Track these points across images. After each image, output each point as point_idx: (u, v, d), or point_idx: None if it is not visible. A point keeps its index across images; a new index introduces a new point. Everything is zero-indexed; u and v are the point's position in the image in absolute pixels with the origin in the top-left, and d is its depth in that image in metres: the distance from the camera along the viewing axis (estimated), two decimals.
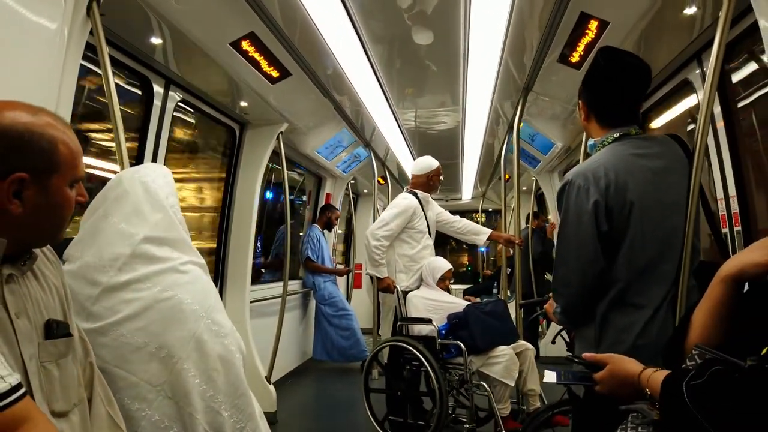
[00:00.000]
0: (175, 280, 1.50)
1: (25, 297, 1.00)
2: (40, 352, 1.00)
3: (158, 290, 1.46)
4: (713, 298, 1.05)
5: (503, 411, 3.09)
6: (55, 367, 1.03)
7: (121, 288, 1.43)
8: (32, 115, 0.99)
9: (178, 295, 1.48)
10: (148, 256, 1.49)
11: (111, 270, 1.44)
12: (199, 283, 1.57)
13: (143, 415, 1.37)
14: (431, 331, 3.31)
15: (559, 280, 1.64)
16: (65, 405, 1.04)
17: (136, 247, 1.48)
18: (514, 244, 3.79)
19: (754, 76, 2.47)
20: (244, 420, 1.57)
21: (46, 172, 0.99)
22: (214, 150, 4.13)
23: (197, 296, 1.52)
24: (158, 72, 2.97)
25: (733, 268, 1.02)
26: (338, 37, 2.94)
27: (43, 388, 0.99)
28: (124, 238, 1.49)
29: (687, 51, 2.66)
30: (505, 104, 4.20)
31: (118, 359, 1.38)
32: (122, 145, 1.94)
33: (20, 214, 0.96)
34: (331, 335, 5.54)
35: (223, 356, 1.53)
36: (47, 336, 1.03)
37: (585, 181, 1.54)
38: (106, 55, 1.95)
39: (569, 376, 1.24)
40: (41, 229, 1.03)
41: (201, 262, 1.63)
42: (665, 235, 1.55)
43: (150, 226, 1.53)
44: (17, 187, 0.95)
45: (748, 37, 2.32)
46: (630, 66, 1.61)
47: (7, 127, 0.95)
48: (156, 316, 1.43)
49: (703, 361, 0.98)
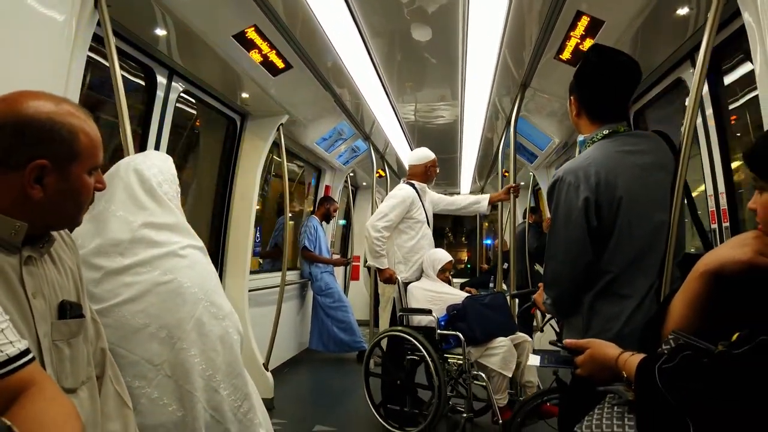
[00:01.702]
0: (174, 264, 1.55)
1: (41, 278, 1.05)
2: (53, 331, 1.05)
3: (158, 274, 1.51)
4: (691, 291, 1.10)
5: (500, 401, 3.14)
6: (66, 346, 1.08)
7: (122, 272, 1.48)
8: (55, 105, 1.03)
9: (178, 278, 1.53)
10: (148, 240, 1.54)
11: (113, 255, 1.50)
12: (198, 266, 1.61)
13: (143, 392, 1.43)
14: (430, 321, 3.36)
15: (550, 274, 1.70)
16: (74, 382, 1.09)
17: (136, 232, 1.53)
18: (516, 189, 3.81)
19: (749, 76, 2.51)
20: (241, 399, 1.63)
21: (67, 159, 1.03)
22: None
23: (196, 279, 1.57)
24: (161, 63, 3.01)
25: (712, 264, 1.07)
26: (339, 30, 2.99)
27: (54, 365, 1.04)
28: (123, 225, 1.54)
29: (680, 50, 2.71)
30: (504, 100, 4.25)
31: (120, 339, 1.43)
32: (128, 134, 1.99)
33: (40, 199, 1.00)
34: (327, 326, 5.60)
35: (222, 337, 1.59)
36: (60, 316, 1.08)
37: (575, 178, 1.59)
38: (113, 46, 2.00)
39: (552, 359, 1.30)
40: (60, 213, 1.07)
41: (200, 245, 1.67)
42: (652, 228, 1.61)
43: (147, 213, 1.58)
44: (38, 173, 0.99)
45: (740, 36, 2.37)
46: (620, 64, 1.66)
47: (31, 117, 0.99)
48: (156, 298, 1.48)
49: (675, 346, 1.04)
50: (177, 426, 1.47)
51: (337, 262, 6.16)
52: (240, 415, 1.62)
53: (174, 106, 3.17)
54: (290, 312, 5.64)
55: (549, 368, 1.43)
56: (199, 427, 1.50)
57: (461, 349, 3.19)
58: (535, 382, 3.26)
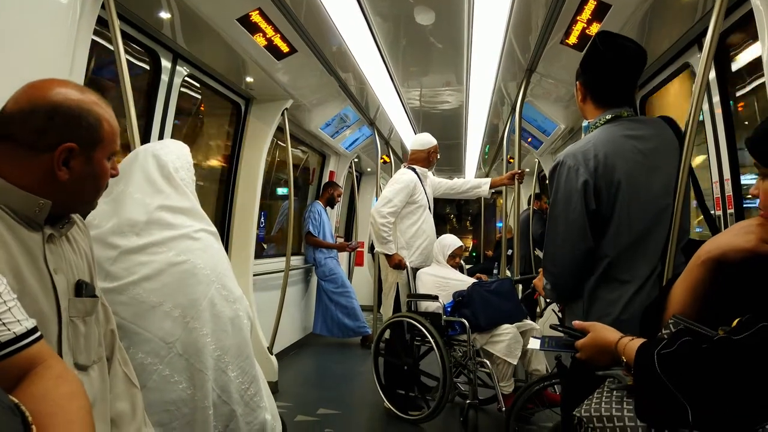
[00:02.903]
0: (188, 246, 1.59)
1: (61, 256, 1.10)
2: (70, 307, 1.09)
3: (173, 254, 1.55)
4: (692, 278, 1.10)
5: (506, 389, 3.14)
6: (81, 323, 1.12)
7: (138, 251, 1.52)
8: (81, 93, 1.10)
9: (191, 259, 1.57)
10: (164, 222, 1.58)
11: (129, 234, 1.54)
12: (211, 250, 1.65)
13: (155, 369, 1.47)
14: (437, 308, 3.37)
15: (549, 257, 1.71)
16: (86, 360, 1.13)
17: (152, 214, 1.58)
18: (521, 176, 3.79)
19: (758, 61, 2.49)
20: (248, 381, 1.67)
21: (92, 144, 1.10)
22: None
23: (209, 262, 1.61)
24: (166, 46, 3.00)
25: (714, 251, 1.06)
26: (343, 13, 2.97)
27: (70, 340, 1.08)
28: (140, 207, 1.58)
29: (688, 35, 2.68)
30: (510, 85, 4.22)
31: (134, 316, 1.47)
32: (132, 118, 2.00)
33: (66, 180, 1.06)
34: (331, 311, 5.64)
35: (233, 319, 1.63)
36: (77, 294, 1.12)
37: (575, 162, 1.60)
38: (118, 29, 2.00)
39: (552, 343, 1.31)
40: (81, 195, 1.14)
41: (213, 230, 1.71)
42: (652, 213, 1.61)
43: (164, 196, 1.63)
44: (66, 155, 1.05)
45: (748, 21, 2.34)
46: (625, 49, 1.66)
47: (61, 102, 1.05)
48: (170, 278, 1.52)
49: (675, 331, 1.04)
50: (186, 403, 1.51)
51: (340, 247, 6.19)
52: (247, 398, 1.66)
53: (179, 90, 3.17)
54: (295, 297, 5.67)
55: (552, 353, 1.44)
56: (208, 405, 1.54)
57: (466, 335, 3.20)
58: (543, 370, 3.24)
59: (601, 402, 1.11)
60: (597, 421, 1.08)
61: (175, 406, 1.50)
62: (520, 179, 3.81)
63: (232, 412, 1.61)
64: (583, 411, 1.12)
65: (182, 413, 1.51)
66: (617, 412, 1.06)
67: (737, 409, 0.84)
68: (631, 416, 1.04)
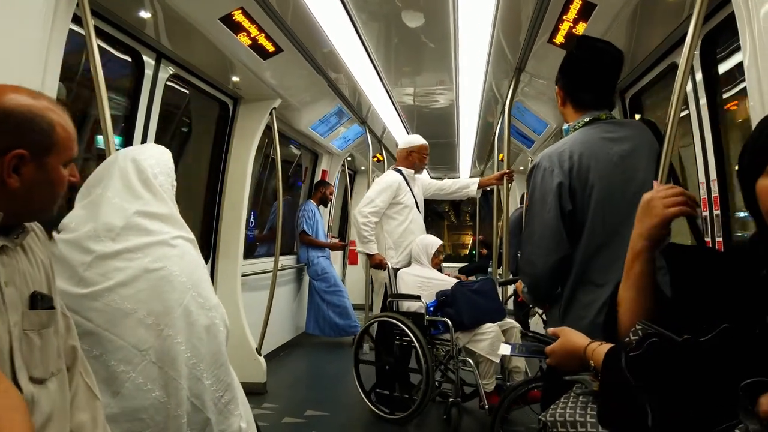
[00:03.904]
0: (165, 252, 1.57)
1: (14, 268, 1.07)
2: (24, 320, 1.06)
3: (149, 261, 1.53)
4: (634, 273, 1.11)
5: (488, 386, 3.18)
6: (36, 336, 1.09)
7: (113, 256, 1.50)
8: (33, 99, 1.07)
9: (167, 266, 1.55)
10: (141, 228, 1.56)
11: (105, 239, 1.51)
12: (188, 257, 1.63)
13: (128, 377, 1.45)
14: (420, 307, 3.39)
15: (525, 259, 1.70)
16: (43, 372, 1.10)
17: (129, 219, 1.55)
18: (510, 175, 3.77)
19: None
20: (222, 389, 1.65)
21: (45, 151, 1.06)
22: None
23: (186, 269, 1.59)
24: (149, 46, 2.97)
25: (640, 240, 1.09)
26: (328, 14, 2.95)
27: (24, 354, 1.05)
28: (118, 211, 1.56)
29: (674, 35, 2.66)
30: (502, 84, 4.20)
31: (108, 323, 1.45)
32: (107, 120, 1.98)
33: (17, 188, 1.03)
34: (323, 310, 5.63)
35: (208, 327, 1.61)
36: (32, 306, 1.09)
37: (550, 163, 1.60)
38: (92, 27, 1.97)
39: (523, 349, 1.30)
40: (35, 204, 1.10)
41: (190, 238, 1.69)
42: (628, 216, 1.58)
43: (142, 202, 1.61)
44: (17, 162, 1.02)
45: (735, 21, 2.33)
46: (602, 52, 1.67)
47: (12, 108, 1.02)
48: (145, 284, 1.50)
49: (643, 335, 1.03)
50: (159, 412, 1.48)
51: (334, 246, 6.17)
52: (221, 406, 1.65)
53: (162, 90, 3.14)
54: (287, 296, 5.66)
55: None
56: (181, 414, 1.52)
57: (449, 334, 3.21)
58: (523, 368, 3.30)
59: (566, 407, 1.10)
60: (561, 426, 1.08)
61: (147, 414, 1.48)
62: (509, 179, 3.79)
63: (206, 420, 1.59)
64: (548, 416, 1.12)
65: (155, 421, 1.49)
66: (581, 417, 1.06)
67: (699, 411, 0.83)
68: (593, 422, 1.04)
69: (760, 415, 0.70)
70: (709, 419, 0.82)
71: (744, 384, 0.73)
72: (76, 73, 2.74)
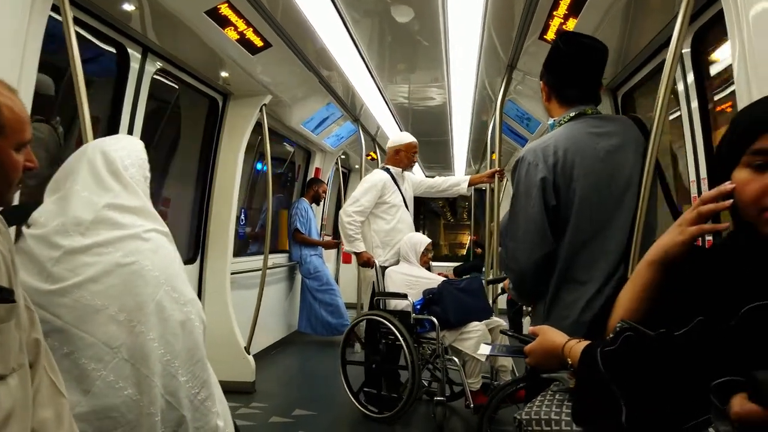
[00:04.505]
0: (137, 246, 1.53)
1: None
2: None
3: (120, 255, 1.48)
4: (641, 281, 1.07)
5: (474, 385, 3.17)
6: None
7: (82, 251, 1.46)
8: None
9: (139, 261, 1.50)
10: (112, 221, 1.52)
11: (74, 234, 1.47)
12: (162, 251, 1.59)
13: (98, 375, 1.41)
14: (407, 306, 3.38)
15: (509, 254, 1.67)
16: (3, 369, 1.06)
17: (99, 212, 1.51)
18: (501, 173, 3.76)
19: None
20: (199, 386, 1.61)
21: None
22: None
23: (159, 263, 1.55)
24: (135, 40, 2.93)
25: (656, 252, 1.04)
26: (317, 9, 2.92)
27: None
28: (87, 205, 1.51)
29: (666, 31, 2.63)
30: (495, 82, 4.17)
31: (77, 320, 1.41)
32: (86, 113, 1.94)
33: None
34: (315, 309, 5.60)
35: (183, 323, 1.56)
36: None
37: (534, 158, 1.58)
38: (70, 18, 1.94)
39: (503, 348, 1.28)
40: None
41: (165, 231, 1.64)
42: (613, 212, 1.57)
43: (112, 195, 1.56)
44: None
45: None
46: (585, 46, 1.66)
47: None
48: (116, 280, 1.46)
49: (618, 330, 1.01)
50: (131, 409, 1.45)
51: (328, 244, 6.15)
52: (197, 403, 1.61)
53: (149, 85, 3.10)
54: (279, 294, 5.64)
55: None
56: (154, 411, 1.48)
57: (436, 333, 3.21)
58: (510, 367, 3.29)
59: (542, 406, 1.10)
60: (536, 424, 1.07)
61: (119, 412, 1.44)
62: (501, 177, 3.76)
63: (181, 417, 1.56)
64: (524, 414, 1.11)
65: (127, 420, 1.45)
66: (556, 415, 1.06)
67: (672, 405, 0.82)
68: (568, 420, 1.03)
69: (731, 416, 0.67)
70: (684, 414, 0.80)
71: (715, 384, 0.71)
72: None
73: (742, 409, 0.67)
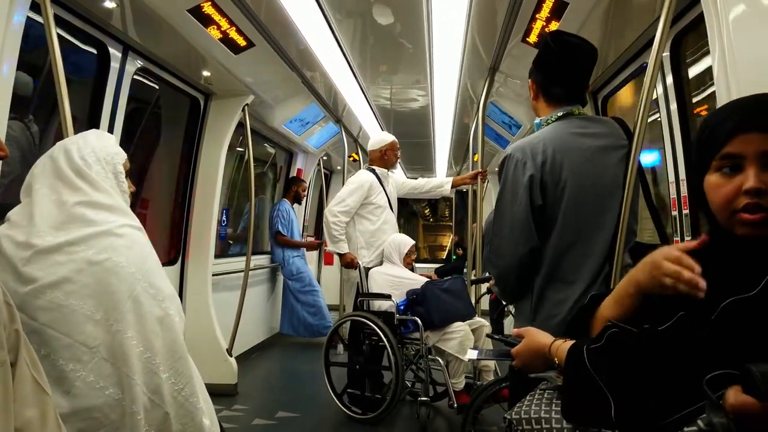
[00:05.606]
0: (110, 242, 1.49)
1: None
2: None
3: (93, 252, 1.45)
4: (625, 306, 1.05)
5: (457, 385, 3.18)
6: None
7: (54, 250, 1.42)
8: None
9: (113, 257, 1.47)
10: (83, 219, 1.49)
11: (45, 234, 1.44)
12: (137, 247, 1.56)
13: (78, 375, 1.38)
14: (390, 306, 3.38)
15: (493, 250, 1.68)
16: None
17: (70, 210, 1.48)
18: (484, 175, 3.79)
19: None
20: (182, 382, 1.58)
21: None
22: None
23: (134, 259, 1.52)
24: (115, 38, 2.88)
25: (636, 288, 1.01)
26: (301, 9, 2.90)
27: None
28: (56, 205, 1.49)
29: (646, 35, 2.68)
30: (477, 84, 4.20)
31: (53, 321, 1.38)
32: (66, 111, 1.90)
33: None
34: (297, 310, 5.56)
35: (162, 319, 1.53)
36: None
37: (523, 155, 1.58)
38: (51, 14, 1.90)
39: (490, 352, 1.28)
40: None
41: (138, 226, 1.61)
42: (599, 213, 1.59)
43: (81, 193, 1.53)
44: None
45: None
46: (575, 46, 1.66)
47: None
48: (89, 278, 1.43)
49: (603, 327, 1.02)
50: (113, 409, 1.42)
51: (310, 245, 6.11)
52: (181, 399, 1.58)
53: (129, 83, 3.05)
54: (261, 296, 5.59)
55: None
56: (137, 410, 1.45)
57: (419, 333, 3.21)
58: (493, 366, 3.30)
59: (531, 405, 1.11)
60: (526, 423, 1.07)
61: (101, 412, 1.41)
62: (483, 178, 3.79)
63: (165, 415, 1.53)
64: (514, 414, 1.11)
65: (110, 420, 1.42)
66: (545, 414, 1.06)
67: (657, 399, 0.83)
68: (558, 417, 1.04)
69: (726, 408, 0.68)
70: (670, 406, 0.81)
71: (708, 378, 0.72)
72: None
73: (736, 401, 0.68)
